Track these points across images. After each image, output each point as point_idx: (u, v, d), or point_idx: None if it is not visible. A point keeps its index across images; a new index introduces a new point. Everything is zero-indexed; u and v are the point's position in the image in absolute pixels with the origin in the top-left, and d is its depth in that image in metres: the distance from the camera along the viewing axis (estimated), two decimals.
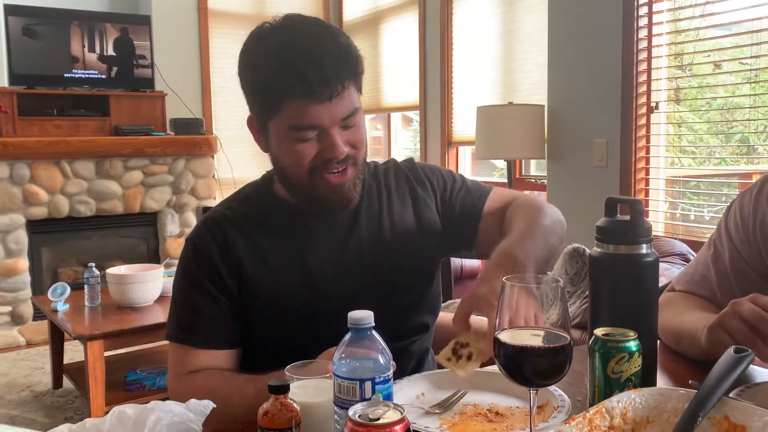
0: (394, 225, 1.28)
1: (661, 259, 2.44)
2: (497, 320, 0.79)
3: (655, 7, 2.98)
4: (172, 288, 1.25)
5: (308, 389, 0.84)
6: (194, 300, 1.18)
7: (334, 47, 1.10)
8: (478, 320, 1.08)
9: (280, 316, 1.18)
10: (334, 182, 1.15)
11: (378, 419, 0.64)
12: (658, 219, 3.10)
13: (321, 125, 1.10)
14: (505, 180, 3.63)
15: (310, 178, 1.14)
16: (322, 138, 1.12)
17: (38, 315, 4.07)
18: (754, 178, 2.24)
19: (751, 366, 1.06)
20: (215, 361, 1.17)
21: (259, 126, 1.19)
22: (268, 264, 1.19)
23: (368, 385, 0.75)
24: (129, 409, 0.77)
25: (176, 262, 1.28)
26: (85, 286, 3.02)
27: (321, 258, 1.21)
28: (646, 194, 3.10)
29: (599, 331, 0.87)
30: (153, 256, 4.55)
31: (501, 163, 4.48)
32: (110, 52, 4.46)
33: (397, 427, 0.64)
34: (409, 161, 1.38)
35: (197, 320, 1.18)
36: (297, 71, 1.06)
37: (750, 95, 2.78)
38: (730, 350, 0.83)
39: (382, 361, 0.77)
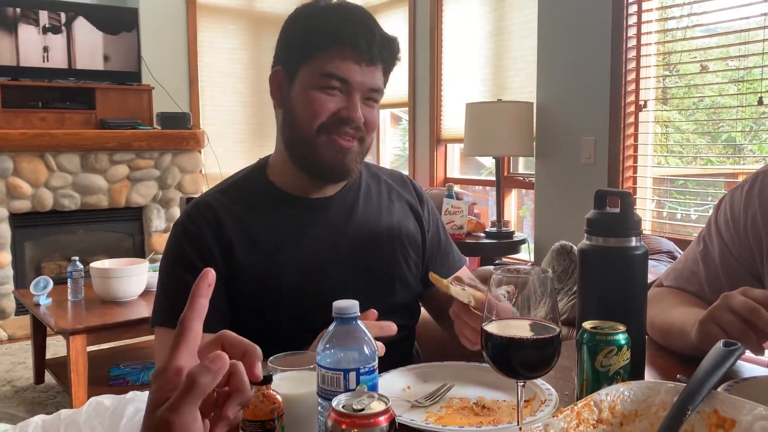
0: (392, 225, 1.29)
1: (648, 257, 2.45)
2: (485, 311, 0.77)
3: (645, 5, 2.99)
4: (159, 273, 1.21)
5: (291, 381, 0.82)
6: (187, 281, 1.14)
7: (383, 30, 1.18)
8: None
9: (270, 301, 1.17)
10: (342, 145, 1.16)
11: (362, 410, 0.63)
12: (645, 217, 3.10)
13: (351, 83, 1.14)
14: (494, 178, 3.62)
15: (318, 136, 1.15)
16: (346, 97, 1.15)
17: (21, 310, 4.02)
18: (740, 179, 2.25)
19: (739, 362, 1.05)
20: None
21: (287, 75, 1.19)
22: (259, 249, 1.18)
23: (352, 375, 0.73)
24: (107, 399, 0.75)
25: (161, 257, 1.26)
26: (69, 280, 2.98)
27: (314, 246, 1.21)
28: (634, 192, 3.10)
29: (587, 324, 0.86)
30: (138, 251, 4.50)
31: (489, 163, 4.48)
32: (97, 44, 4.41)
33: (382, 418, 0.63)
34: (419, 186, 1.44)
35: None
36: (352, 26, 1.13)
37: (737, 94, 2.79)
38: (720, 344, 0.82)
39: (367, 351, 0.75)
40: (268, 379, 0.75)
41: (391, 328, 0.99)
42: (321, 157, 1.16)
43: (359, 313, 0.76)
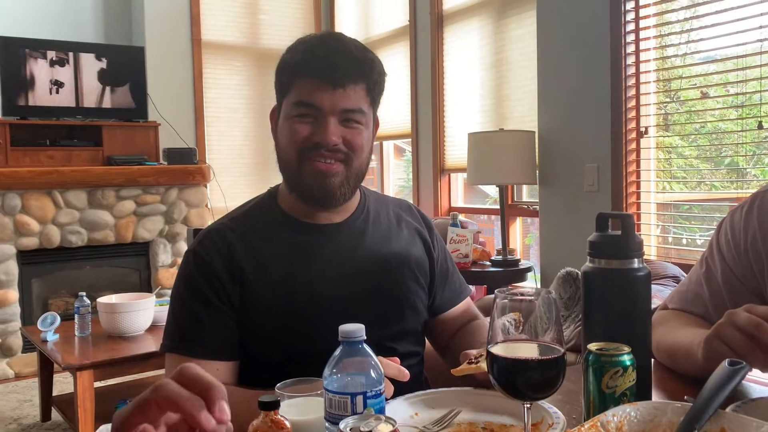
0: (400, 251, 1.31)
1: (654, 281, 2.45)
2: (489, 333, 0.78)
3: (642, 34, 3.04)
4: (170, 299, 1.24)
5: (299, 407, 0.82)
6: (196, 310, 1.17)
7: (356, 50, 1.19)
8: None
9: (281, 326, 1.18)
10: (321, 169, 1.18)
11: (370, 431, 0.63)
12: (650, 243, 3.10)
13: (320, 107, 1.16)
14: (498, 207, 3.64)
15: (299, 161, 1.19)
16: (318, 121, 1.17)
17: (27, 347, 4.02)
18: None
19: (746, 383, 1.05)
20: (216, 374, 1.15)
21: (278, 111, 1.25)
22: (270, 274, 1.20)
23: (360, 399, 0.74)
24: None
25: (168, 291, 1.29)
26: (76, 316, 2.98)
27: (324, 271, 1.22)
28: (638, 218, 3.11)
29: (593, 346, 0.86)
30: (145, 286, 4.51)
31: (493, 192, 4.50)
32: (104, 82, 4.48)
33: None
34: (426, 214, 1.46)
35: (199, 331, 1.17)
36: (315, 56, 1.17)
37: (738, 119, 2.81)
38: (725, 363, 0.83)
39: (373, 375, 0.76)
40: (275, 405, 0.75)
41: (405, 374, 1.01)
42: (306, 183, 1.20)
43: (365, 337, 0.77)
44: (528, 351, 0.77)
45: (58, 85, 4.34)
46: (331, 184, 1.19)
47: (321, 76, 1.16)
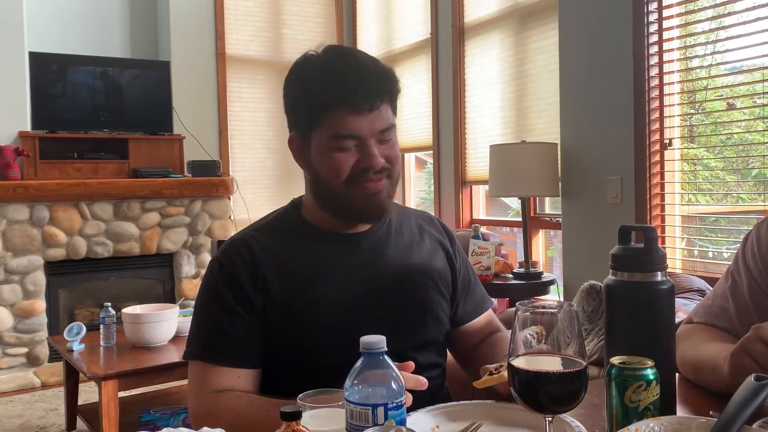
0: (422, 261, 1.31)
1: (679, 295, 2.41)
2: (511, 346, 0.78)
3: (666, 45, 3.02)
4: (194, 308, 1.25)
5: (321, 418, 0.83)
6: (219, 318, 1.19)
7: (374, 66, 1.20)
8: None
9: (304, 335, 1.19)
10: (371, 189, 1.19)
11: None
12: (675, 256, 3.07)
13: (360, 135, 1.16)
14: (520, 219, 3.62)
15: (347, 187, 1.19)
16: (360, 148, 1.18)
17: (54, 356, 4.08)
18: None
19: None
20: (238, 381, 1.17)
21: (301, 141, 1.23)
22: (293, 283, 1.21)
23: (381, 410, 0.74)
24: None
25: (191, 302, 1.30)
26: (101, 326, 3.02)
27: (347, 280, 1.23)
28: (662, 231, 3.08)
29: (615, 360, 0.86)
30: (169, 297, 4.56)
31: (515, 204, 4.48)
32: (130, 96, 4.56)
33: None
34: (447, 226, 1.46)
35: (221, 338, 1.18)
36: (342, 84, 1.16)
37: (765, 131, 2.77)
38: (751, 378, 0.82)
39: (394, 386, 0.76)
40: (297, 415, 0.76)
41: (423, 383, 1.01)
42: (354, 204, 1.20)
43: (386, 348, 0.77)
44: (550, 364, 0.76)
45: (85, 98, 4.43)
46: (382, 200, 1.21)
47: (354, 105, 1.15)
